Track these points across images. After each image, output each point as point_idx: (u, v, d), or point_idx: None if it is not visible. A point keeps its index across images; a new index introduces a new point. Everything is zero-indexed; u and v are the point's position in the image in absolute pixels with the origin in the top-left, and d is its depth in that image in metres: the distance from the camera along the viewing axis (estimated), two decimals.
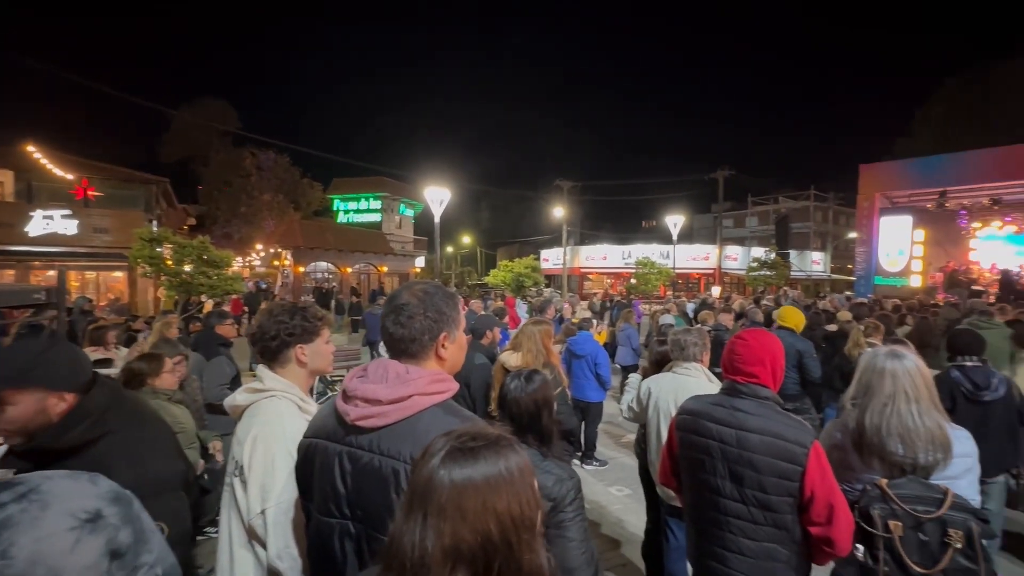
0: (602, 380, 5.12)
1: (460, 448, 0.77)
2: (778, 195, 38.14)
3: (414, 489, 0.77)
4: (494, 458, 0.77)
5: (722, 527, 1.67)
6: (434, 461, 0.77)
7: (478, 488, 0.74)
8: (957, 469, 1.64)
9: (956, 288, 14.02)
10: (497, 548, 0.73)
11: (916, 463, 1.60)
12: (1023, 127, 21.47)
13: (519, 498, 0.76)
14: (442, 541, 0.72)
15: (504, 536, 0.73)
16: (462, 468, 0.75)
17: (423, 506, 0.74)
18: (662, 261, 24.67)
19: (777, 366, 1.73)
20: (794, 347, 4.53)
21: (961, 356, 3.21)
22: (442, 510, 0.73)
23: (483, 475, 0.75)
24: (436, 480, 0.75)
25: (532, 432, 1.65)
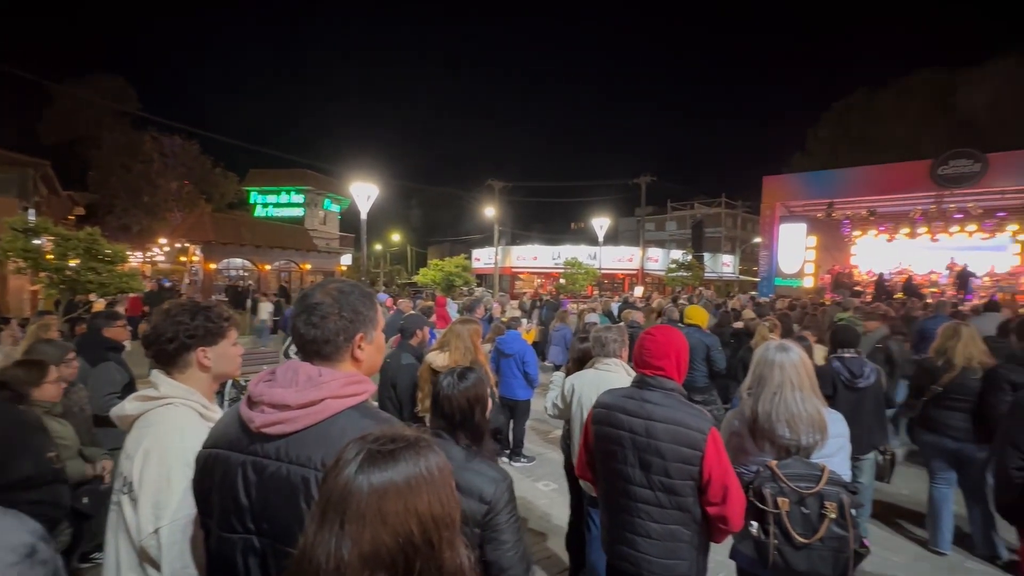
0: (530, 378, 5.21)
1: (379, 451, 0.76)
2: (694, 202, 40.90)
3: (328, 497, 0.75)
4: (414, 459, 0.76)
5: (632, 513, 1.77)
6: (350, 467, 0.75)
7: (399, 490, 0.73)
8: (832, 448, 1.86)
9: (840, 289, 15.81)
10: (418, 549, 0.73)
11: (799, 444, 1.80)
12: (895, 149, 24.70)
13: (440, 497, 0.76)
14: (360, 548, 0.70)
15: (426, 536, 0.73)
16: (382, 471, 0.74)
17: (339, 514, 0.72)
18: (589, 262, 25.57)
19: (682, 360, 1.86)
20: (702, 342, 4.89)
21: (841, 348, 3.63)
22: (361, 516, 0.71)
23: (404, 476, 0.74)
24: (354, 486, 0.73)
25: (464, 430, 1.64)
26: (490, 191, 27.88)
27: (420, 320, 4.18)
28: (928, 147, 20.93)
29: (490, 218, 27.67)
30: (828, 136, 31.30)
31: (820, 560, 1.67)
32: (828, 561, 1.67)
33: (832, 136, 30.97)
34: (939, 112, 27.18)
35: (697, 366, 4.92)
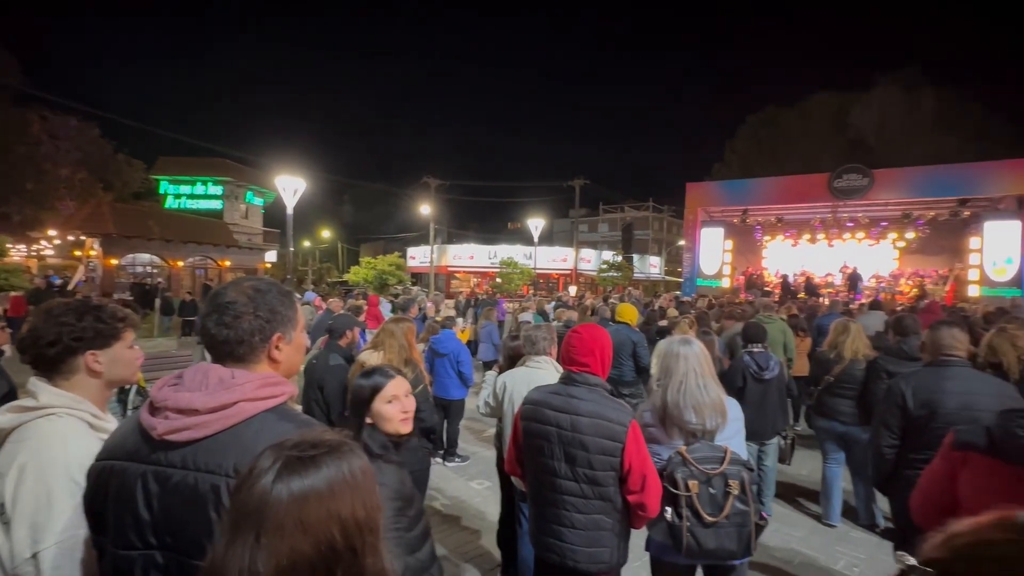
0: (464, 377, 5.20)
1: (299, 457, 0.73)
2: (624, 205, 42.67)
3: (242, 508, 0.71)
4: (336, 463, 0.74)
5: (558, 505, 1.83)
6: (267, 476, 0.71)
7: (321, 496, 0.71)
8: (731, 430, 2.01)
9: (753, 289, 17.17)
10: (340, 556, 0.71)
11: (704, 428, 1.94)
12: (799, 162, 27.20)
13: (363, 501, 0.74)
14: (278, 560, 0.67)
15: (348, 542, 0.71)
16: (302, 478, 0.71)
17: (256, 525, 0.69)
18: (525, 262, 25.92)
19: (606, 356, 1.94)
20: (630, 339, 5.12)
21: (750, 344, 3.96)
22: (280, 527, 0.68)
23: (326, 482, 0.72)
24: (272, 496, 0.69)
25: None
26: (426, 189, 27.48)
27: (350, 320, 4.05)
28: (827, 162, 23.24)
29: (426, 216, 27.25)
30: (743, 148, 33.88)
31: (726, 536, 1.81)
32: (733, 536, 1.81)
33: (746, 148, 33.56)
34: (836, 131, 30.28)
35: (625, 361, 5.15)
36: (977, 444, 1.48)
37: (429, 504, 4.22)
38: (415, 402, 1.72)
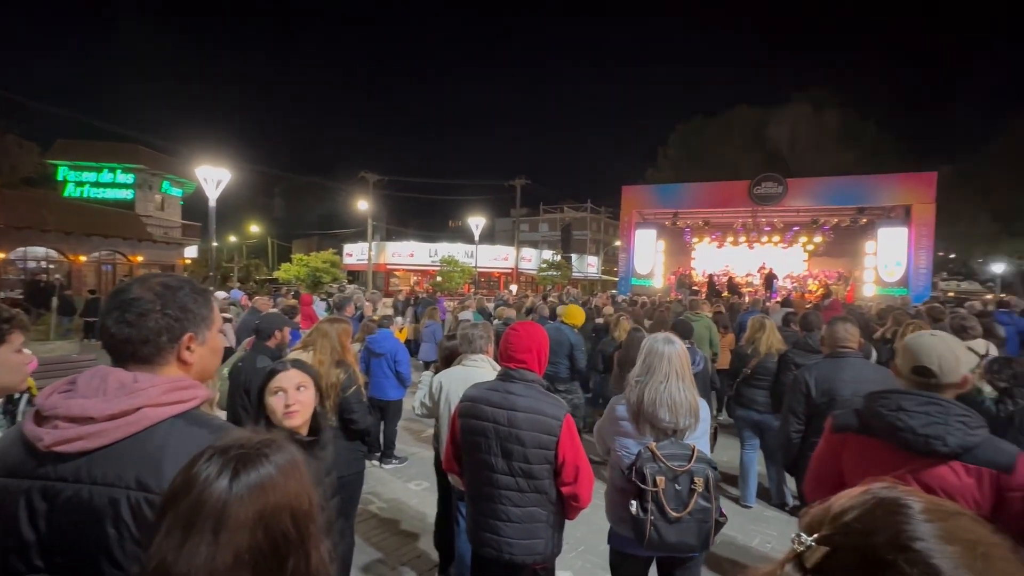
0: (402, 378, 5.10)
1: (248, 453, 0.74)
2: (564, 205, 43.63)
3: (195, 510, 0.70)
4: (281, 455, 0.76)
5: (495, 500, 1.85)
6: (221, 477, 0.71)
7: (276, 487, 0.72)
8: (701, 431, 2.08)
9: (683, 288, 18.17)
10: (293, 545, 0.73)
11: (677, 427, 1.99)
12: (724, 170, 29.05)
13: (307, 492, 0.77)
14: (237, 554, 0.68)
15: (299, 532, 0.74)
16: (259, 471, 0.72)
17: (215, 524, 0.69)
18: (466, 260, 25.81)
19: (543, 353, 1.98)
20: (568, 340, 5.24)
21: (686, 341, 4.18)
22: (241, 522, 0.69)
23: (280, 472, 0.74)
24: (234, 492, 0.70)
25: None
26: (364, 184, 26.61)
27: (278, 320, 3.84)
28: (748, 170, 25.00)
29: (364, 212, 26.41)
30: (674, 155, 35.68)
31: (687, 531, 1.87)
32: (694, 531, 1.87)
33: (677, 155, 35.38)
34: (756, 142, 32.64)
35: (561, 360, 5.26)
36: (851, 425, 1.67)
37: (365, 508, 4.11)
38: (310, 398, 1.69)
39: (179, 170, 27.94)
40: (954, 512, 0.51)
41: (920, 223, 15.39)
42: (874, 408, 1.63)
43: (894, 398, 1.60)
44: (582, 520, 3.79)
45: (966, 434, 1.47)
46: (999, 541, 0.49)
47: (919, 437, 1.51)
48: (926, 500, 0.53)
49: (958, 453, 1.47)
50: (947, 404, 1.53)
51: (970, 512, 0.52)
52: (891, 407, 1.58)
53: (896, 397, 1.60)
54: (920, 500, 0.52)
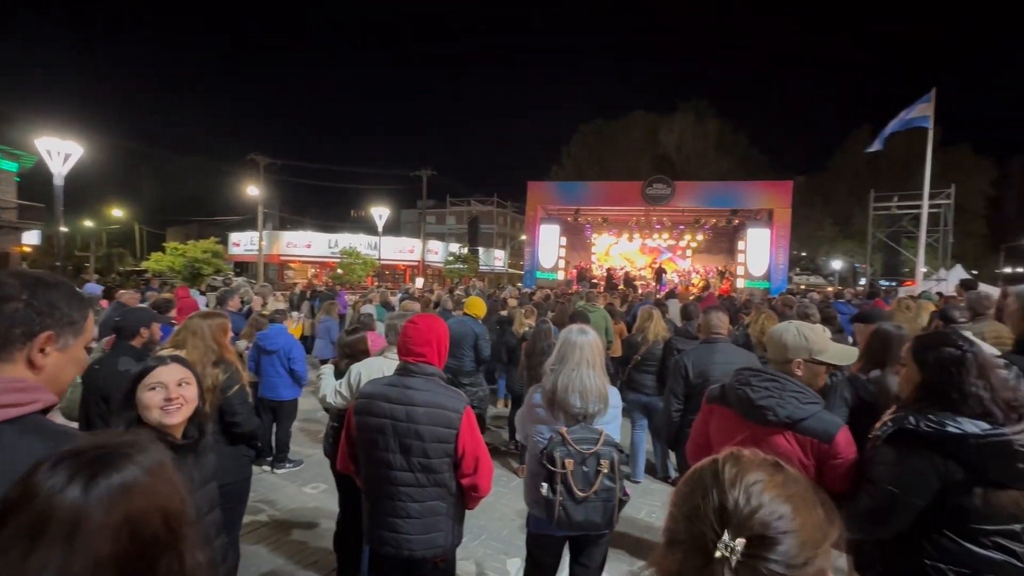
0: (297, 376, 4.79)
1: (103, 455, 0.67)
2: (471, 199, 43.64)
3: (41, 518, 0.62)
4: (145, 455, 0.70)
5: (394, 497, 1.82)
6: (74, 484, 0.64)
7: (143, 488, 0.67)
8: (610, 416, 2.19)
9: (583, 281, 19.13)
10: (164, 548, 0.68)
11: (587, 413, 2.09)
12: (622, 170, 30.98)
13: (179, 493, 0.72)
14: (97, 559, 0.62)
15: (171, 534, 0.69)
16: (120, 473, 0.67)
17: (67, 531, 0.62)
18: (369, 252, 24.81)
19: (442, 346, 1.98)
20: (473, 331, 5.28)
21: None
22: (101, 526, 0.63)
23: (145, 472, 0.68)
24: (92, 496, 0.63)
25: None
26: (253, 168, 24.34)
27: (144, 316, 3.40)
28: (642, 171, 26.93)
29: (253, 198, 24.19)
30: (576, 153, 37.28)
31: (594, 510, 1.97)
32: (600, 510, 1.98)
33: (579, 153, 37.01)
34: (649, 145, 35.20)
35: (466, 352, 5.29)
36: (716, 397, 1.91)
37: (254, 518, 3.82)
38: (193, 395, 1.56)
39: (12, 139, 23.36)
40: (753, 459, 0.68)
41: (779, 225, 17.69)
42: (732, 383, 1.86)
43: (746, 374, 1.84)
44: (485, 509, 3.88)
45: (796, 407, 1.70)
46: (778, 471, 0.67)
47: (755, 408, 1.74)
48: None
49: (787, 423, 1.70)
50: (784, 380, 1.77)
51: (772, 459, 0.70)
52: (742, 382, 1.82)
53: (748, 373, 1.83)
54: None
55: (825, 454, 1.69)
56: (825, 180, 32.57)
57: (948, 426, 1.45)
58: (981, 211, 31.24)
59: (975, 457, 1.43)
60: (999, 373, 1.53)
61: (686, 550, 0.63)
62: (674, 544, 0.66)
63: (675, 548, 0.65)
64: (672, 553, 0.65)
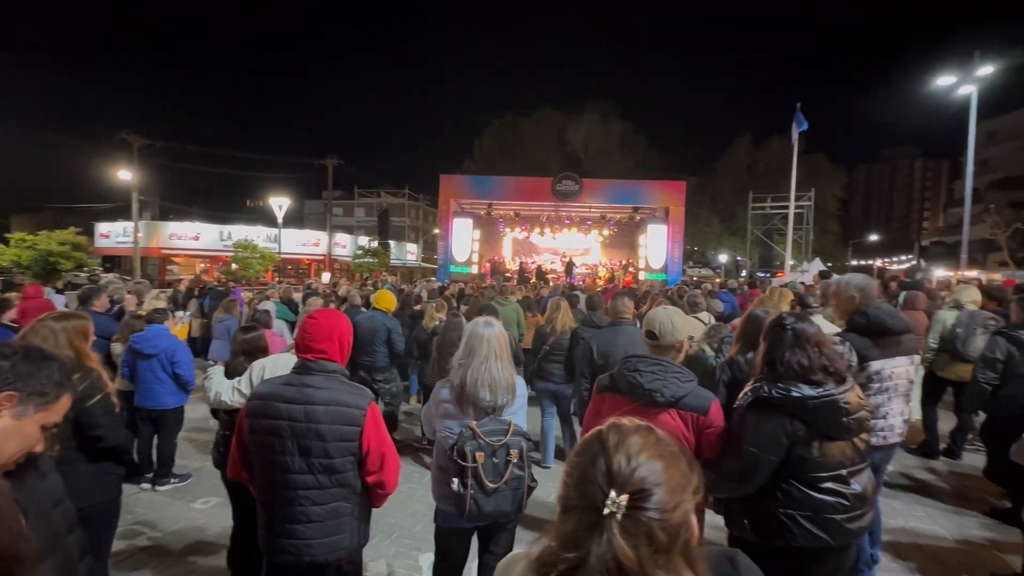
0: (182, 381, 4.33)
1: None
2: (381, 190, 42.11)
3: None
4: None
5: (292, 502, 1.73)
6: None
7: None
8: (518, 405, 2.22)
9: (497, 275, 19.34)
10: None
11: (496, 405, 2.10)
12: (533, 165, 31.65)
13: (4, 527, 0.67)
14: None
15: None
16: None
17: None
18: (268, 245, 23.04)
19: (344, 342, 1.90)
20: (384, 325, 5.13)
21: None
22: None
23: None
24: None
25: None
26: (126, 149, 21.39)
27: None
28: (552, 168, 27.75)
29: (125, 183, 21.29)
30: (489, 147, 37.47)
31: (504, 499, 2.00)
32: (509, 499, 2.01)
33: (491, 148, 37.23)
34: (559, 143, 36.33)
35: (379, 348, 5.13)
36: (607, 386, 2.06)
37: (131, 543, 3.41)
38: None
39: None
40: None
41: (675, 222, 19.20)
42: (621, 371, 2.01)
43: (634, 361, 2.00)
44: (397, 506, 3.81)
45: (678, 386, 1.91)
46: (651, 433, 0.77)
47: (646, 391, 1.91)
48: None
49: (672, 402, 1.90)
50: (667, 364, 1.97)
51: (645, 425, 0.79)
52: (630, 368, 1.98)
53: (635, 360, 2.00)
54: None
55: (701, 425, 1.91)
56: (713, 181, 35.89)
57: (792, 391, 1.72)
58: (835, 212, 36.37)
59: (812, 415, 1.71)
60: (826, 347, 1.81)
61: (579, 512, 0.71)
62: (568, 509, 0.73)
63: (569, 512, 0.73)
64: (567, 517, 0.72)
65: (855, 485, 1.74)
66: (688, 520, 0.71)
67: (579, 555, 0.68)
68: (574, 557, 0.68)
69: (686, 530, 0.71)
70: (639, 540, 0.66)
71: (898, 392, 2.61)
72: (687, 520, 0.71)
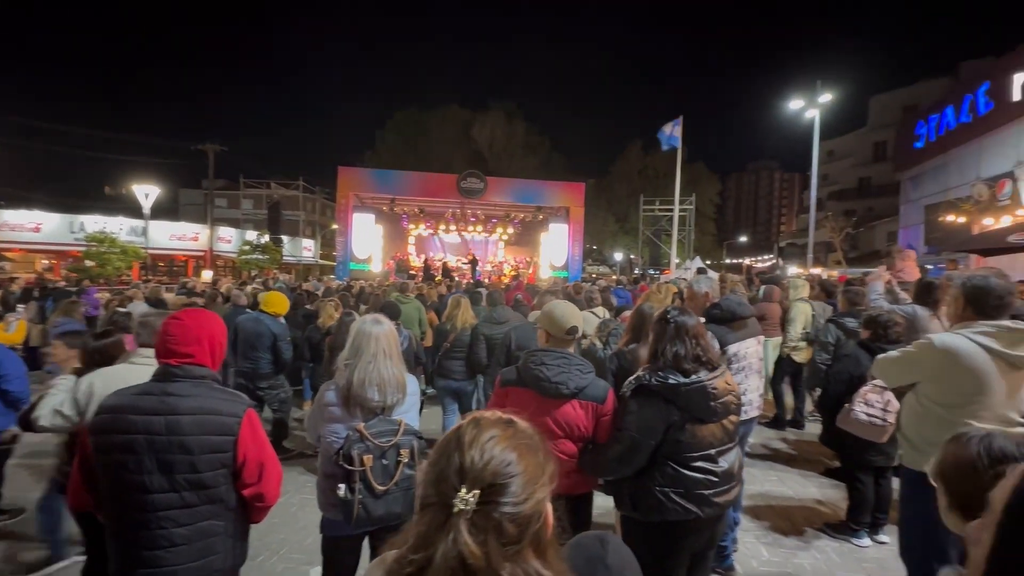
0: (10, 398, 3.64)
1: None
2: (271, 181, 38.91)
3: None
4: None
5: (151, 526, 1.53)
6: None
7: None
8: (409, 403, 2.15)
9: (401, 272, 18.83)
10: None
11: (385, 404, 2.01)
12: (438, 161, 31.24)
13: None
14: None
15: None
16: None
17: None
18: (134, 239, 20.25)
19: (216, 344, 1.73)
20: (270, 330, 4.75)
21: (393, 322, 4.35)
22: None
23: None
24: None
25: None
26: None
27: None
28: (458, 165, 27.60)
29: None
30: (392, 140, 36.31)
31: (395, 502, 1.92)
32: (400, 500, 1.94)
33: (395, 141, 36.12)
34: (464, 140, 36.24)
35: (263, 354, 4.75)
36: (512, 380, 2.12)
37: None
38: None
39: None
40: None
41: (575, 221, 20.12)
42: (527, 365, 2.08)
43: (539, 355, 2.09)
44: (285, 520, 3.57)
45: (580, 378, 2.04)
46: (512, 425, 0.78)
47: (553, 384, 2.01)
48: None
49: (576, 392, 2.02)
50: (570, 357, 2.09)
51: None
52: (537, 363, 2.06)
53: (540, 355, 2.09)
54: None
55: (599, 413, 2.05)
56: (609, 184, 38.17)
57: (669, 379, 1.89)
58: (712, 215, 40.52)
59: (684, 400, 1.89)
60: (703, 338, 2.02)
61: (432, 511, 0.70)
62: (424, 508, 0.72)
63: (424, 511, 0.72)
64: (421, 516, 0.72)
65: (723, 463, 1.95)
66: (541, 510, 0.72)
67: (426, 555, 0.67)
68: (421, 558, 0.68)
69: (537, 520, 0.71)
70: (488, 535, 0.67)
71: (752, 370, 2.99)
72: (539, 510, 0.72)
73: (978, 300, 2.06)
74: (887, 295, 4.79)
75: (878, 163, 33.44)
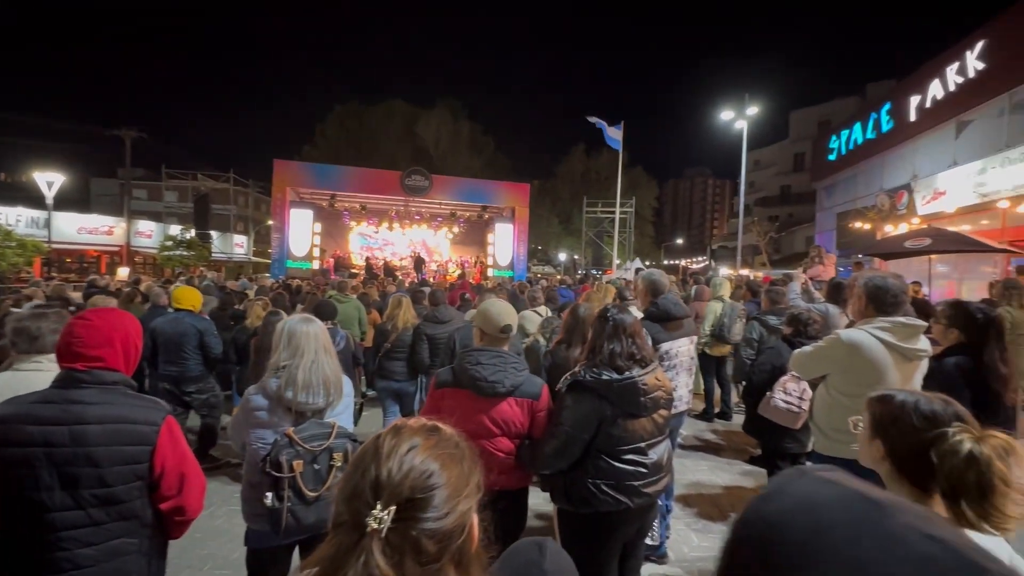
0: None
1: None
2: (198, 173, 36.34)
3: None
4: None
5: (51, 548, 1.39)
6: None
7: None
8: (343, 406, 2.07)
9: (341, 270, 18.17)
10: None
11: (323, 406, 1.93)
12: (381, 158, 30.43)
13: None
14: None
15: None
16: None
17: None
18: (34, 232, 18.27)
19: (129, 346, 1.60)
20: (195, 327, 4.45)
21: (330, 322, 4.17)
22: None
23: None
24: None
25: None
26: None
27: None
28: (401, 162, 27.04)
29: None
30: (332, 134, 34.97)
31: (326, 508, 1.82)
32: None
33: (335, 135, 34.82)
34: (409, 136, 35.54)
35: (190, 354, 4.43)
36: (448, 381, 2.11)
37: None
38: None
39: None
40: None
41: (520, 221, 20.30)
42: (463, 365, 2.07)
43: (475, 355, 2.09)
44: (210, 534, 3.36)
45: (515, 375, 2.06)
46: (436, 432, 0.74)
47: (489, 383, 2.02)
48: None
49: (512, 390, 2.04)
50: (504, 355, 2.10)
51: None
52: (472, 363, 2.06)
53: (476, 354, 2.09)
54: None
55: (534, 409, 2.09)
56: (553, 185, 38.85)
57: (603, 375, 1.96)
58: (650, 218, 42.27)
59: (615, 396, 1.96)
60: (639, 336, 2.11)
61: (344, 532, 0.64)
62: (336, 527, 0.66)
63: (335, 531, 0.65)
64: (332, 537, 0.65)
65: (652, 455, 2.05)
66: (465, 523, 0.67)
67: None
68: None
69: (460, 534, 0.66)
70: (404, 555, 0.61)
71: (683, 367, 3.15)
72: (463, 523, 0.67)
73: (877, 298, 2.28)
74: (803, 295, 5.22)
75: (797, 173, 36.27)
